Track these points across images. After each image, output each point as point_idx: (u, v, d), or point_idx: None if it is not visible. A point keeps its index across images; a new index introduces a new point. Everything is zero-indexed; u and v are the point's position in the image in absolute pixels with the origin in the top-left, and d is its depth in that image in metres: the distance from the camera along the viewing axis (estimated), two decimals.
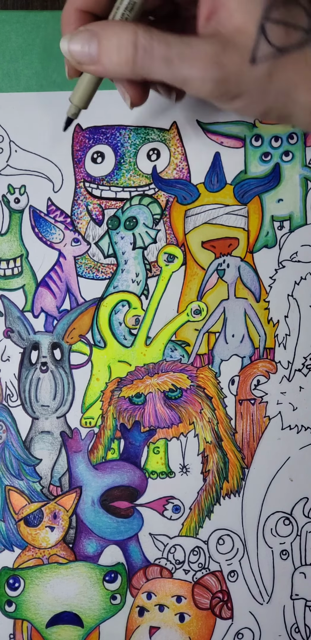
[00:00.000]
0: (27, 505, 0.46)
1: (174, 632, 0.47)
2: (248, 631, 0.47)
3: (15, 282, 0.46)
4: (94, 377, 0.46)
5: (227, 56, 0.33)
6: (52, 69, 0.46)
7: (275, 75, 0.34)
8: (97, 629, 0.46)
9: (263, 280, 0.47)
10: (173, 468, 0.47)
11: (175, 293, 0.47)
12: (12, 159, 0.46)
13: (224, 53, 0.33)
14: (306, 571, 0.47)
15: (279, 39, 0.33)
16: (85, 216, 0.46)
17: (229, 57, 0.33)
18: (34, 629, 0.46)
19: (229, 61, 0.33)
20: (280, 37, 0.33)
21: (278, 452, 0.47)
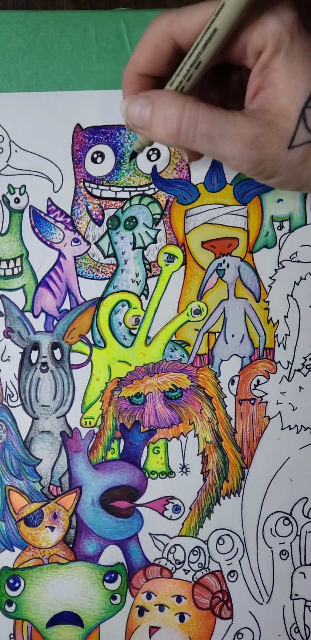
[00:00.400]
0: (27, 505, 0.46)
1: (174, 632, 0.47)
2: (247, 631, 0.47)
3: (15, 282, 0.46)
4: (94, 377, 0.46)
5: (266, 139, 0.34)
6: (52, 69, 0.46)
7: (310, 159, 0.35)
8: (97, 629, 0.46)
9: (263, 280, 0.47)
10: (173, 468, 0.47)
11: (175, 293, 0.47)
12: (12, 159, 0.46)
13: (264, 136, 0.34)
14: (305, 571, 0.47)
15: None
16: (85, 216, 0.46)
17: (268, 141, 0.35)
18: (34, 629, 0.46)
19: (268, 145, 0.35)
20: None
21: (278, 452, 0.47)
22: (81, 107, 0.46)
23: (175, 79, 0.37)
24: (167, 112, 0.35)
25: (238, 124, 0.35)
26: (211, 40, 0.34)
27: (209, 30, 0.34)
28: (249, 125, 0.35)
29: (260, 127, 0.35)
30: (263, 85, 0.35)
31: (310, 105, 0.34)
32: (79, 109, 0.46)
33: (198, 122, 0.35)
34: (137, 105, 0.37)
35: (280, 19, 0.33)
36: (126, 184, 0.46)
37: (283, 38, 0.34)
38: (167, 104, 0.35)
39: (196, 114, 0.35)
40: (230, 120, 0.35)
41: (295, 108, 0.34)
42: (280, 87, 0.34)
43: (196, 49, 0.35)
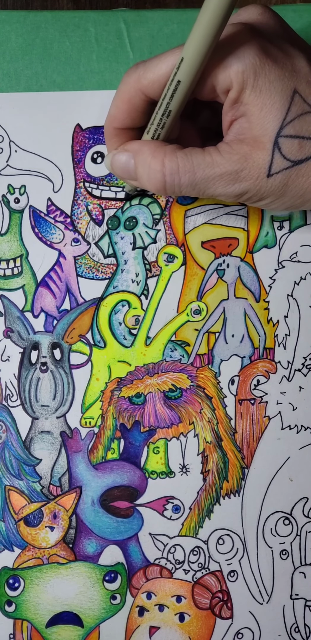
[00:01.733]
0: (27, 505, 0.46)
1: (174, 632, 0.47)
2: (247, 631, 0.47)
3: (15, 282, 0.46)
4: (94, 377, 0.46)
5: (246, 173, 0.36)
6: (52, 69, 0.46)
7: (290, 183, 0.37)
8: (97, 628, 0.46)
9: (263, 280, 0.47)
10: (173, 468, 0.47)
11: (175, 293, 0.47)
12: (12, 159, 0.46)
13: (243, 172, 0.36)
14: (306, 571, 0.47)
15: (293, 153, 0.36)
16: (85, 216, 0.46)
17: (248, 174, 0.36)
18: (34, 629, 0.46)
19: (248, 177, 0.36)
20: (294, 150, 0.36)
21: (278, 452, 0.47)
22: (81, 107, 0.46)
23: (151, 127, 0.39)
24: (150, 170, 0.38)
25: (216, 165, 0.36)
26: (176, 91, 0.36)
27: (174, 82, 0.36)
28: (227, 163, 0.36)
29: (237, 162, 0.36)
30: (237, 116, 0.37)
31: (282, 134, 0.36)
32: (79, 109, 0.46)
33: (180, 175, 0.37)
34: (120, 161, 0.40)
35: (240, 58, 0.35)
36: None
37: (246, 76, 0.35)
38: (148, 160, 0.38)
39: (176, 167, 0.37)
40: (208, 163, 0.36)
41: (267, 139, 0.36)
42: (252, 118, 0.36)
43: (164, 99, 0.37)
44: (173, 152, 0.37)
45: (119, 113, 0.39)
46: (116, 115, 0.40)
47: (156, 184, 0.38)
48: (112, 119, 0.40)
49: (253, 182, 0.37)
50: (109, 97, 0.46)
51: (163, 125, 0.38)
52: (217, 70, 0.35)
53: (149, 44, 0.46)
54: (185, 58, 0.35)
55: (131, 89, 0.38)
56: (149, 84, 0.37)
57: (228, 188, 0.37)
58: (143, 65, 0.37)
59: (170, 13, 0.47)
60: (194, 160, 0.37)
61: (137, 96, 0.38)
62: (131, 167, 0.39)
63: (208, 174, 0.36)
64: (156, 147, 0.38)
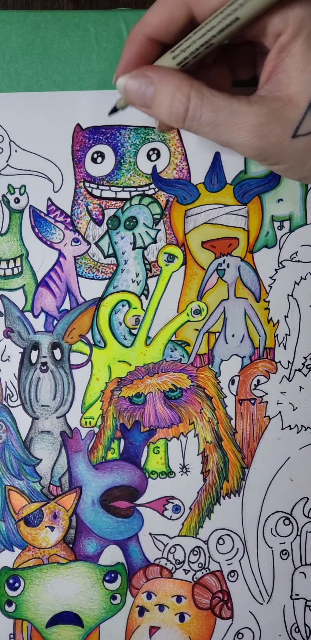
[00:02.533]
0: (27, 505, 0.46)
1: (174, 632, 0.47)
2: (248, 631, 0.47)
3: (15, 282, 0.46)
4: (94, 377, 0.46)
5: (270, 129, 0.34)
6: (52, 69, 0.46)
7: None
8: (97, 629, 0.46)
9: (263, 280, 0.47)
10: (173, 468, 0.47)
11: (175, 293, 0.47)
12: (12, 159, 0.46)
13: (267, 126, 0.34)
14: (306, 571, 0.47)
15: None
16: (85, 216, 0.46)
17: (272, 131, 0.34)
18: (34, 629, 0.46)
19: (270, 134, 0.34)
20: None
21: (278, 452, 0.47)
22: (81, 107, 0.46)
23: (180, 53, 0.35)
24: (174, 99, 0.35)
25: (241, 113, 0.34)
26: (229, 27, 0.33)
27: (230, 17, 0.33)
28: (254, 114, 0.34)
29: (263, 116, 0.34)
30: (278, 70, 0.35)
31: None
32: (79, 109, 0.46)
33: (203, 111, 0.35)
34: (137, 85, 0.36)
35: (303, 5, 0.33)
36: (126, 184, 0.46)
37: (305, 23, 0.33)
38: (172, 91, 0.35)
39: (200, 103, 0.35)
40: (234, 109, 0.34)
41: (305, 96, 0.34)
42: (293, 73, 0.34)
43: (210, 30, 0.34)
44: (200, 87, 0.35)
45: (156, 20, 0.36)
46: (151, 21, 0.36)
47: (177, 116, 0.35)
48: (145, 24, 0.36)
49: (276, 140, 0.35)
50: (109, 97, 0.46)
51: (197, 55, 0.35)
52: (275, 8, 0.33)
53: None
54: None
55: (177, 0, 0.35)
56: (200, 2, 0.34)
57: (248, 140, 0.35)
58: None
59: None
60: (221, 101, 0.34)
61: (182, 10, 0.35)
62: (148, 95, 0.36)
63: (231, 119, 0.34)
64: (183, 78, 0.35)
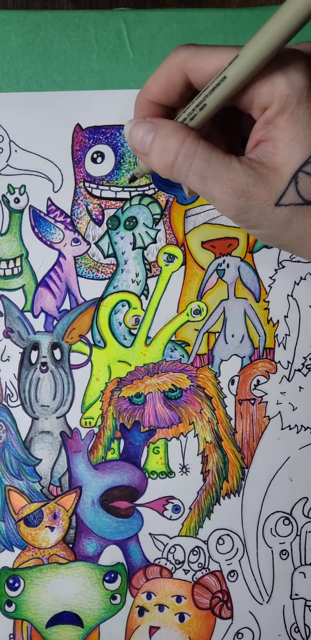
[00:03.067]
0: (27, 505, 0.46)
1: (174, 632, 0.47)
2: (247, 631, 0.47)
3: (15, 282, 0.46)
4: (94, 377, 0.46)
5: (256, 191, 0.35)
6: (52, 69, 0.46)
7: (295, 222, 0.36)
8: (97, 629, 0.46)
9: (263, 280, 0.47)
10: (173, 468, 0.47)
11: (175, 293, 0.47)
12: (12, 159, 0.46)
13: (254, 187, 0.35)
14: (306, 571, 0.47)
15: (308, 192, 0.35)
16: (85, 216, 0.46)
17: (258, 193, 0.35)
18: (34, 629, 0.46)
19: (256, 196, 0.35)
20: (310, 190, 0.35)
21: (278, 452, 0.47)
22: (81, 107, 0.46)
23: (181, 115, 0.37)
24: (167, 143, 0.36)
25: (232, 170, 0.35)
26: (218, 87, 0.35)
27: (220, 76, 0.34)
28: (243, 173, 0.35)
29: (252, 177, 0.35)
30: (265, 138, 0.36)
31: (304, 170, 0.35)
32: (79, 109, 0.46)
33: (195, 159, 0.35)
34: (140, 130, 0.37)
35: (290, 81, 0.34)
36: (126, 184, 0.46)
37: (290, 100, 0.34)
38: (168, 135, 0.36)
39: (194, 150, 0.35)
40: (226, 164, 0.35)
41: (288, 169, 0.35)
42: (279, 144, 0.35)
43: (205, 91, 0.35)
44: (196, 137, 0.36)
45: (156, 86, 0.38)
46: (151, 87, 0.38)
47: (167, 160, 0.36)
48: (147, 90, 0.38)
49: (259, 204, 0.35)
50: (109, 97, 0.46)
51: (193, 116, 0.36)
52: (262, 82, 0.34)
53: (149, 44, 0.46)
54: (240, 57, 0.33)
55: (175, 66, 0.37)
56: (195, 69, 0.36)
57: (233, 198, 0.36)
58: (195, 48, 0.36)
59: (170, 13, 0.47)
60: (214, 155, 0.35)
61: (179, 76, 0.37)
62: (148, 140, 0.37)
63: (221, 174, 0.35)
64: (181, 127, 0.36)
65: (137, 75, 0.46)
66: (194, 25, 0.47)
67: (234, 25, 0.46)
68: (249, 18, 0.46)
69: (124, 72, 0.46)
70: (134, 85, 0.46)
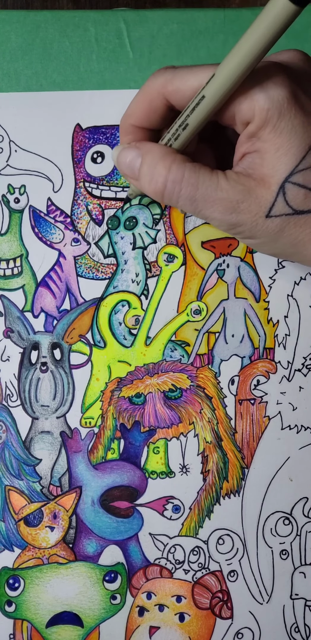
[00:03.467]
0: (27, 505, 0.46)
1: (174, 632, 0.47)
2: (247, 631, 0.47)
3: (15, 282, 0.46)
4: (94, 377, 0.46)
5: (246, 206, 0.36)
6: (52, 69, 0.46)
7: (287, 230, 0.36)
8: (97, 628, 0.46)
9: (263, 281, 0.47)
10: (173, 468, 0.47)
11: (175, 293, 0.47)
12: (12, 159, 0.46)
13: (243, 203, 0.36)
14: (306, 571, 0.47)
15: (296, 201, 0.35)
16: (85, 216, 0.46)
17: (248, 208, 0.36)
18: (34, 629, 0.46)
19: (247, 211, 0.36)
20: (298, 200, 0.35)
21: (278, 452, 0.47)
22: (81, 107, 0.46)
23: (166, 135, 0.38)
24: (154, 171, 0.36)
25: (220, 189, 0.36)
26: (198, 106, 0.35)
27: (198, 97, 0.35)
28: (231, 190, 0.36)
29: (241, 193, 0.36)
30: (250, 150, 0.36)
31: (290, 180, 0.35)
32: (79, 109, 0.46)
33: (183, 185, 0.36)
34: (128, 156, 0.38)
35: (269, 95, 0.34)
36: (126, 184, 0.46)
37: (271, 114, 0.34)
38: (155, 162, 0.37)
39: (181, 176, 0.36)
40: (214, 183, 0.36)
41: (275, 180, 0.35)
42: (265, 155, 0.35)
43: (186, 111, 0.36)
44: (182, 161, 0.36)
45: (138, 111, 0.38)
46: (134, 112, 0.39)
47: (155, 187, 0.37)
48: (130, 115, 0.39)
49: (251, 217, 0.36)
50: (109, 97, 0.46)
51: (177, 136, 0.37)
52: (242, 99, 0.35)
53: (149, 44, 0.46)
54: (216, 76, 0.34)
55: (154, 90, 0.37)
56: (174, 91, 0.36)
57: (225, 215, 0.36)
58: (173, 71, 0.37)
59: (170, 13, 0.47)
60: (201, 176, 0.36)
61: (159, 99, 0.37)
62: (136, 166, 0.38)
63: (210, 194, 0.36)
64: (167, 152, 0.37)
65: (137, 75, 0.46)
66: (194, 25, 0.47)
67: (234, 25, 0.46)
68: (249, 18, 0.46)
69: (124, 72, 0.46)
70: (134, 85, 0.46)
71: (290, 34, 0.48)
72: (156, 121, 0.39)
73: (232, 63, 0.33)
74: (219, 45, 0.47)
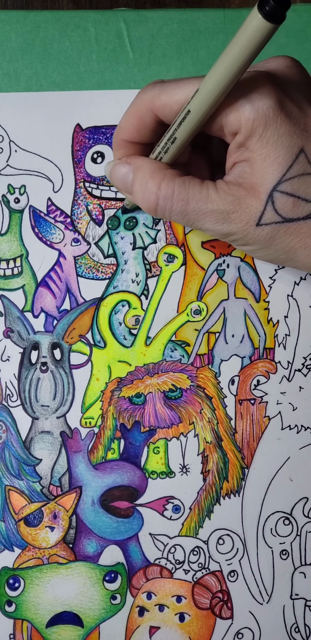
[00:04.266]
0: (27, 505, 0.46)
1: (174, 632, 0.47)
2: (248, 631, 0.47)
3: (15, 282, 0.46)
4: (94, 377, 0.46)
5: (236, 216, 0.36)
6: (52, 69, 0.46)
7: (278, 238, 0.37)
8: (97, 629, 0.46)
9: (263, 281, 0.47)
10: (173, 468, 0.47)
11: (175, 293, 0.47)
12: (12, 159, 0.46)
13: (234, 214, 0.36)
14: (306, 571, 0.47)
15: (285, 210, 0.36)
16: (85, 216, 0.46)
17: (238, 217, 0.36)
18: (34, 629, 0.46)
19: (237, 221, 0.36)
20: (287, 208, 0.36)
21: (278, 452, 0.47)
22: (81, 107, 0.46)
23: (156, 149, 0.38)
24: (145, 188, 0.37)
25: (210, 201, 0.36)
26: (185, 120, 0.35)
27: (184, 111, 0.35)
28: (221, 202, 0.36)
29: (231, 204, 0.36)
30: (240, 159, 0.37)
31: (279, 189, 0.35)
32: (79, 109, 0.46)
33: (174, 201, 0.37)
34: (120, 172, 0.39)
35: (254, 106, 0.34)
36: None
37: (256, 124, 0.35)
38: (146, 180, 0.37)
39: (171, 192, 0.37)
40: (204, 197, 0.36)
41: (264, 189, 0.36)
42: (254, 165, 0.36)
43: (173, 125, 0.36)
44: (171, 178, 0.37)
45: (128, 126, 0.39)
46: (124, 127, 0.39)
47: (148, 204, 0.37)
48: (121, 130, 0.40)
49: (242, 227, 0.36)
50: (109, 97, 0.46)
51: (166, 150, 0.37)
52: (228, 111, 0.35)
53: (149, 44, 0.46)
54: (200, 90, 0.34)
55: (143, 106, 0.38)
56: (162, 107, 0.37)
57: (217, 226, 0.37)
58: (160, 86, 0.37)
59: (170, 13, 0.47)
60: (191, 191, 0.37)
61: (148, 114, 0.38)
62: (129, 181, 0.39)
63: (200, 207, 0.36)
64: (157, 168, 0.38)
65: (137, 75, 0.46)
66: (194, 25, 0.47)
67: (234, 25, 0.46)
68: None
69: (124, 72, 0.46)
70: (134, 85, 0.46)
71: (290, 34, 0.48)
72: (147, 135, 0.39)
73: (214, 77, 0.33)
74: (219, 45, 0.47)
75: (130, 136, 0.39)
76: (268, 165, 0.35)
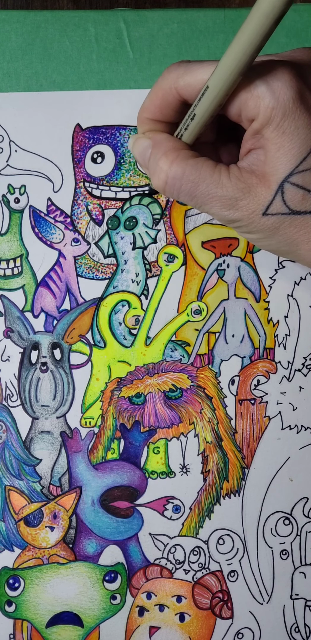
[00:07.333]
0: (27, 505, 0.46)
1: (174, 632, 0.47)
2: (248, 631, 0.47)
3: (15, 282, 0.46)
4: (94, 377, 0.46)
5: (244, 204, 0.36)
6: (52, 69, 0.46)
7: (282, 229, 0.37)
8: (97, 629, 0.46)
9: (263, 281, 0.47)
10: (173, 468, 0.47)
11: (175, 293, 0.47)
12: (12, 159, 0.46)
13: (242, 201, 0.36)
14: (306, 571, 0.47)
15: (293, 202, 0.36)
16: (85, 216, 0.46)
17: (245, 205, 0.36)
18: (34, 629, 0.46)
19: (244, 208, 0.37)
20: (296, 200, 0.36)
21: (278, 452, 0.47)
22: (81, 107, 0.46)
23: (180, 126, 0.39)
24: (157, 166, 0.38)
25: (221, 186, 0.36)
26: (203, 96, 0.36)
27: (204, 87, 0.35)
28: (232, 188, 0.36)
29: (240, 191, 0.36)
30: (255, 146, 0.37)
31: (289, 180, 0.35)
32: (79, 109, 0.46)
33: (183, 181, 0.37)
34: (140, 146, 0.40)
35: (275, 94, 0.34)
36: (126, 184, 0.46)
37: (275, 113, 0.35)
38: (158, 156, 0.38)
39: (181, 173, 0.37)
40: (215, 181, 0.37)
41: (275, 179, 0.36)
42: (268, 153, 0.36)
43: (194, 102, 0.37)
44: (184, 158, 0.37)
45: (152, 105, 0.39)
46: (148, 106, 0.40)
47: (157, 181, 0.38)
48: (145, 108, 0.40)
49: (248, 215, 0.37)
50: (109, 96, 0.46)
51: (186, 126, 0.38)
52: (248, 96, 0.35)
53: (149, 44, 0.46)
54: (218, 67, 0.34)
55: (166, 85, 0.38)
56: (185, 86, 0.37)
57: (223, 211, 0.37)
58: (185, 66, 0.37)
59: (170, 13, 0.47)
60: (202, 173, 0.37)
61: (171, 94, 0.38)
62: (147, 156, 0.39)
63: (210, 191, 0.37)
64: (172, 147, 0.38)
65: (137, 75, 0.46)
66: (194, 25, 0.47)
67: (234, 25, 0.46)
68: None
69: (124, 72, 0.46)
70: (134, 85, 0.46)
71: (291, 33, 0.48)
72: (170, 115, 0.39)
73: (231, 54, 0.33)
74: (219, 45, 0.47)
75: (153, 114, 0.40)
76: (281, 155, 0.35)
